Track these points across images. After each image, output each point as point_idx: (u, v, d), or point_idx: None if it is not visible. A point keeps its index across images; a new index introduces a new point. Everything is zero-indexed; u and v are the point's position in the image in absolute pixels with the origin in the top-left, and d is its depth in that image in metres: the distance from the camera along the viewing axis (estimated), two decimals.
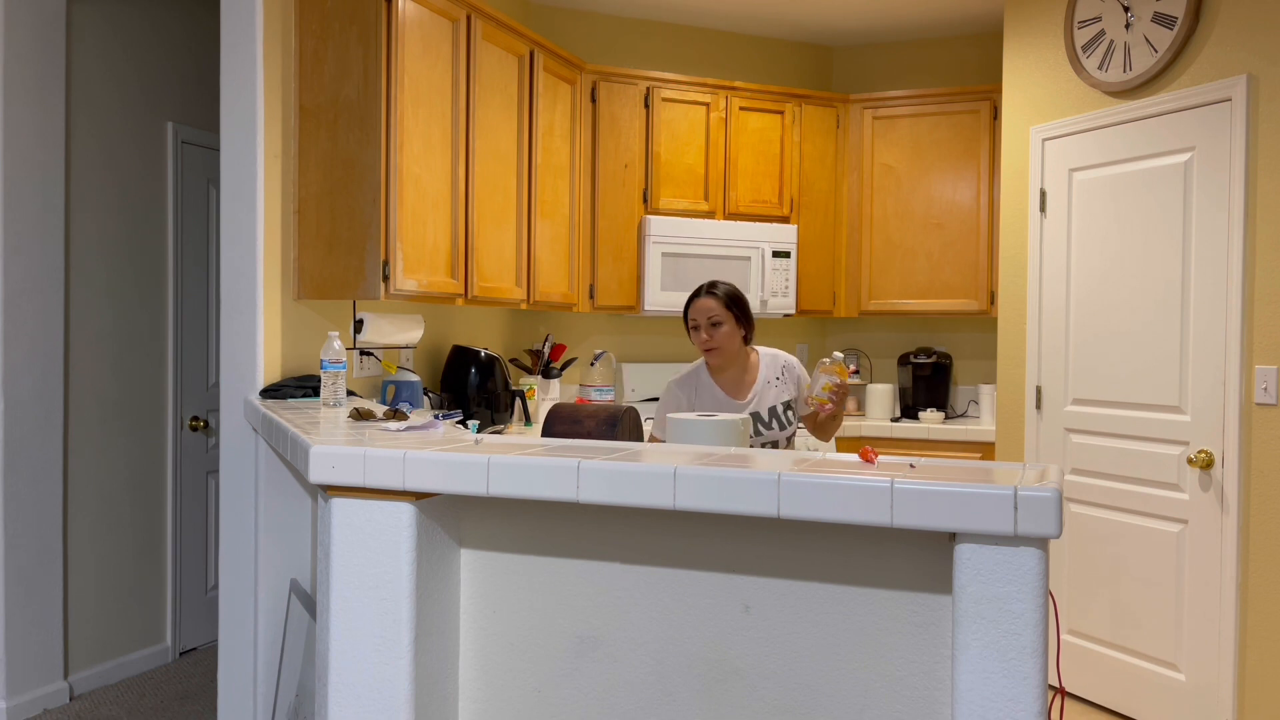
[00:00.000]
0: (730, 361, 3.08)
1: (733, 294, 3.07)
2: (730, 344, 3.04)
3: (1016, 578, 1.41)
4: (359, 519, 1.79)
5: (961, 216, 4.87)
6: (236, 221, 3.16)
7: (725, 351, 3.04)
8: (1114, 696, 3.83)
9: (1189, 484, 3.53)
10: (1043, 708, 1.41)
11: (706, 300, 3.05)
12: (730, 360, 3.08)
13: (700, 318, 3.04)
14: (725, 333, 3.03)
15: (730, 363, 3.09)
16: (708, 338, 3.03)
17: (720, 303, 3.04)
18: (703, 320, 3.04)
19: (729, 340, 3.03)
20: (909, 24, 5.12)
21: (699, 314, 3.05)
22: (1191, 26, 3.50)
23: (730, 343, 3.04)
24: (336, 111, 3.20)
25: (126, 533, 4.14)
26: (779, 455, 1.75)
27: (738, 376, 3.10)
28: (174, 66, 4.36)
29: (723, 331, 3.03)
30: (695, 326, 3.06)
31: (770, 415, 3.07)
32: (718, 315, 3.03)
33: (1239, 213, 3.33)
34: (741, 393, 3.09)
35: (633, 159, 4.64)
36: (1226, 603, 3.37)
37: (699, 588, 1.73)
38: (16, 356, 3.64)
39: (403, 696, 1.77)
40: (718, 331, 3.03)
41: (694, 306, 3.07)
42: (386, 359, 3.70)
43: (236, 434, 3.19)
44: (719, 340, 3.03)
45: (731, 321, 3.04)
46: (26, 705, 3.69)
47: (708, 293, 3.06)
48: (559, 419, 2.71)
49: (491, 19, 3.72)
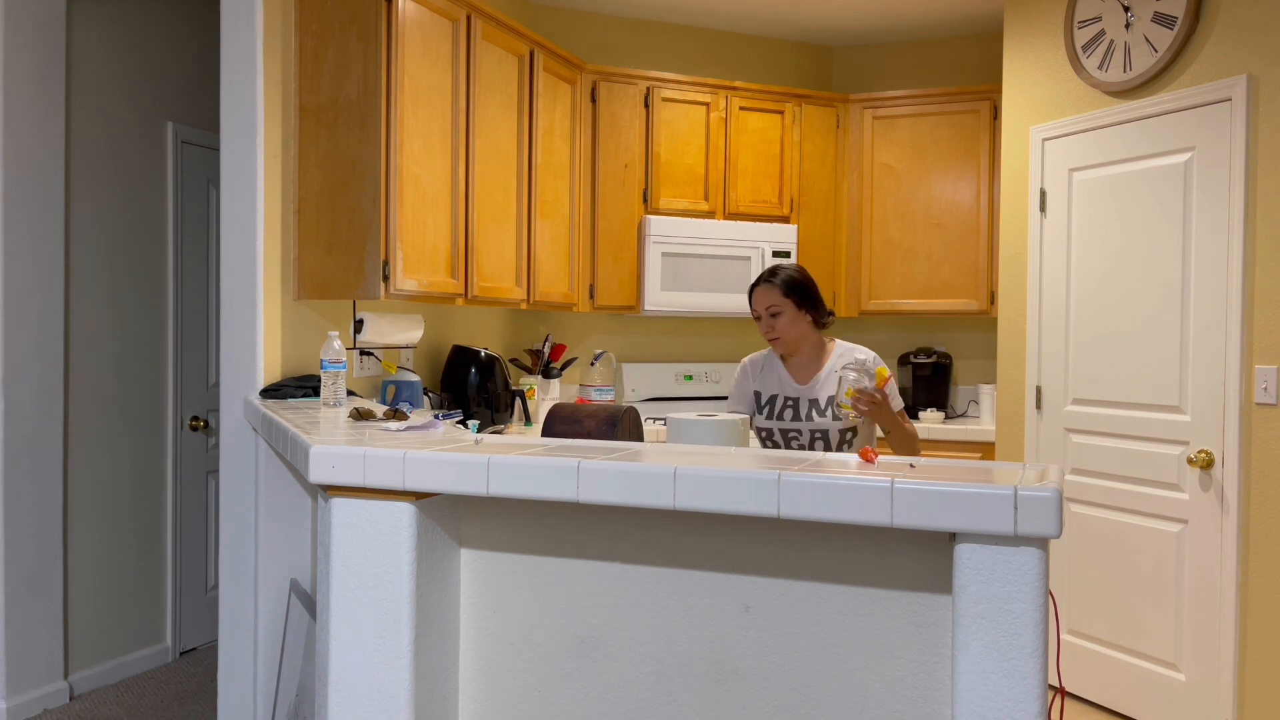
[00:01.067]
0: (796, 349, 2.99)
1: (793, 280, 2.96)
2: (791, 332, 2.95)
3: (1016, 578, 1.41)
4: (359, 519, 1.79)
5: (961, 216, 4.87)
6: (236, 221, 3.16)
7: (788, 340, 2.96)
8: (1114, 696, 3.83)
9: (1189, 484, 3.52)
10: (1043, 708, 1.41)
11: (763, 289, 2.97)
12: (795, 348, 2.98)
13: (759, 307, 2.97)
14: (786, 321, 2.94)
15: (796, 350, 2.99)
16: (768, 328, 2.96)
17: (778, 291, 2.94)
18: (762, 310, 2.97)
19: (790, 328, 2.94)
20: (909, 24, 5.12)
21: (758, 303, 2.98)
22: (1191, 26, 3.50)
23: (791, 331, 2.94)
24: (336, 111, 3.20)
25: (126, 533, 4.14)
26: (779, 455, 1.74)
27: (805, 363, 3.00)
28: (174, 66, 4.36)
29: (783, 320, 2.94)
30: (757, 317, 2.99)
31: (827, 404, 2.95)
32: (776, 305, 2.94)
33: (1239, 213, 3.33)
34: (805, 378, 2.99)
35: (633, 159, 4.64)
36: (1226, 603, 3.37)
37: (699, 588, 1.73)
38: (16, 356, 3.64)
39: (403, 696, 1.77)
40: (778, 321, 2.94)
41: (753, 295, 2.99)
42: (386, 359, 3.70)
43: (236, 434, 3.18)
44: (780, 329, 2.95)
45: (792, 309, 2.94)
46: (26, 705, 3.69)
47: (766, 281, 2.97)
48: (559, 419, 2.71)
49: (491, 19, 3.72)
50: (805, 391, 2.98)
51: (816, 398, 2.97)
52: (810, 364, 3.01)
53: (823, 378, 2.98)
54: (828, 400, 2.96)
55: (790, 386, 2.99)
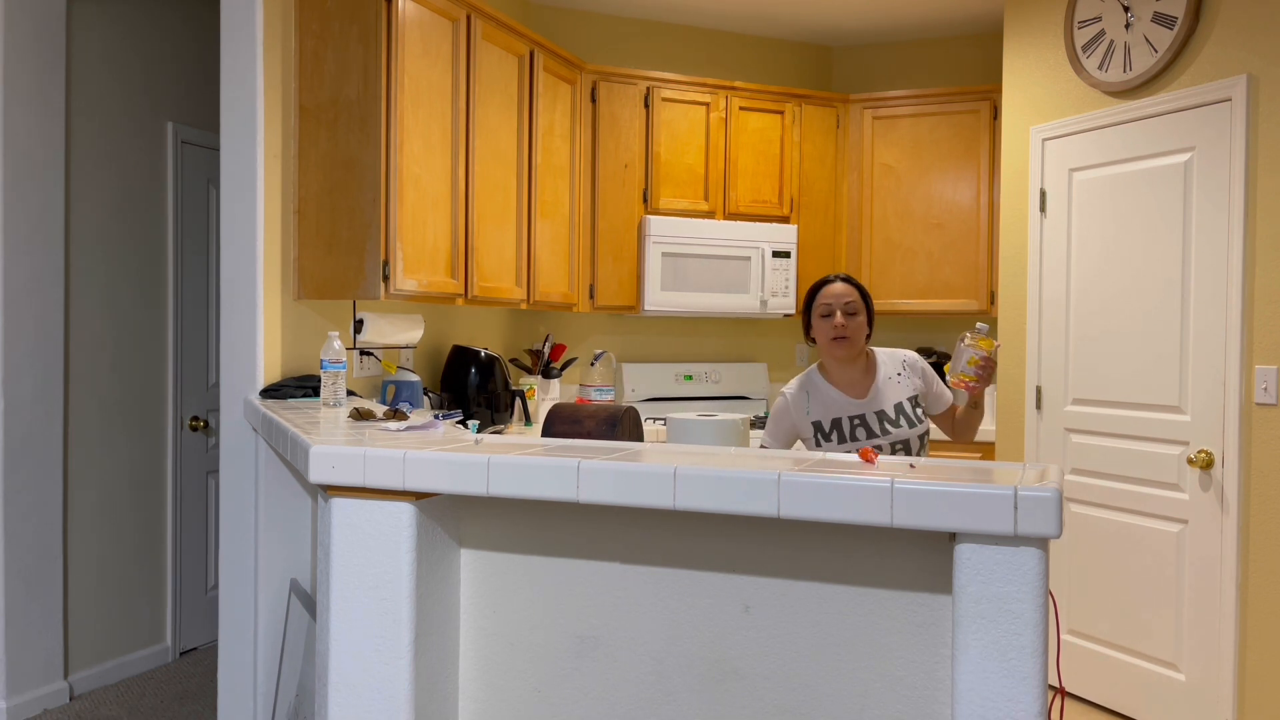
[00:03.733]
0: (855, 357, 2.86)
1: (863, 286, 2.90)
2: (860, 335, 2.83)
3: (1016, 578, 1.41)
4: (359, 519, 1.79)
5: (961, 216, 4.87)
6: (236, 221, 3.16)
7: (855, 344, 2.83)
8: (1114, 696, 3.83)
9: (1189, 484, 3.52)
10: (1043, 708, 1.41)
11: (842, 285, 2.85)
12: (855, 355, 2.85)
13: (836, 303, 2.83)
14: (859, 323, 2.83)
15: (854, 358, 2.86)
16: (842, 324, 2.81)
17: (856, 290, 2.85)
18: (838, 305, 2.82)
19: (861, 331, 2.83)
20: (909, 24, 5.12)
21: (834, 299, 2.83)
22: (1191, 26, 3.50)
23: (861, 334, 2.83)
24: (336, 111, 3.20)
25: (126, 533, 4.14)
26: (779, 455, 1.74)
27: (855, 376, 2.87)
28: (174, 66, 4.36)
29: (858, 321, 2.83)
30: (827, 314, 2.83)
31: (897, 412, 2.84)
32: (855, 303, 2.83)
33: (1239, 213, 3.33)
34: (861, 391, 2.86)
35: (633, 159, 4.64)
36: (1226, 602, 3.37)
37: (699, 588, 1.73)
38: (16, 356, 3.64)
39: (403, 696, 1.77)
40: (853, 320, 2.82)
41: (827, 291, 2.85)
42: (386, 359, 3.70)
43: (236, 434, 3.18)
44: (853, 330, 2.82)
45: (864, 312, 2.85)
46: (26, 705, 3.69)
47: (843, 279, 2.87)
48: (559, 419, 2.71)
49: (491, 19, 3.72)
50: (868, 405, 2.85)
51: (883, 408, 2.84)
52: (862, 375, 2.88)
53: (880, 386, 2.86)
54: (895, 408, 2.84)
55: (849, 404, 2.84)
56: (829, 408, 2.84)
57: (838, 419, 2.83)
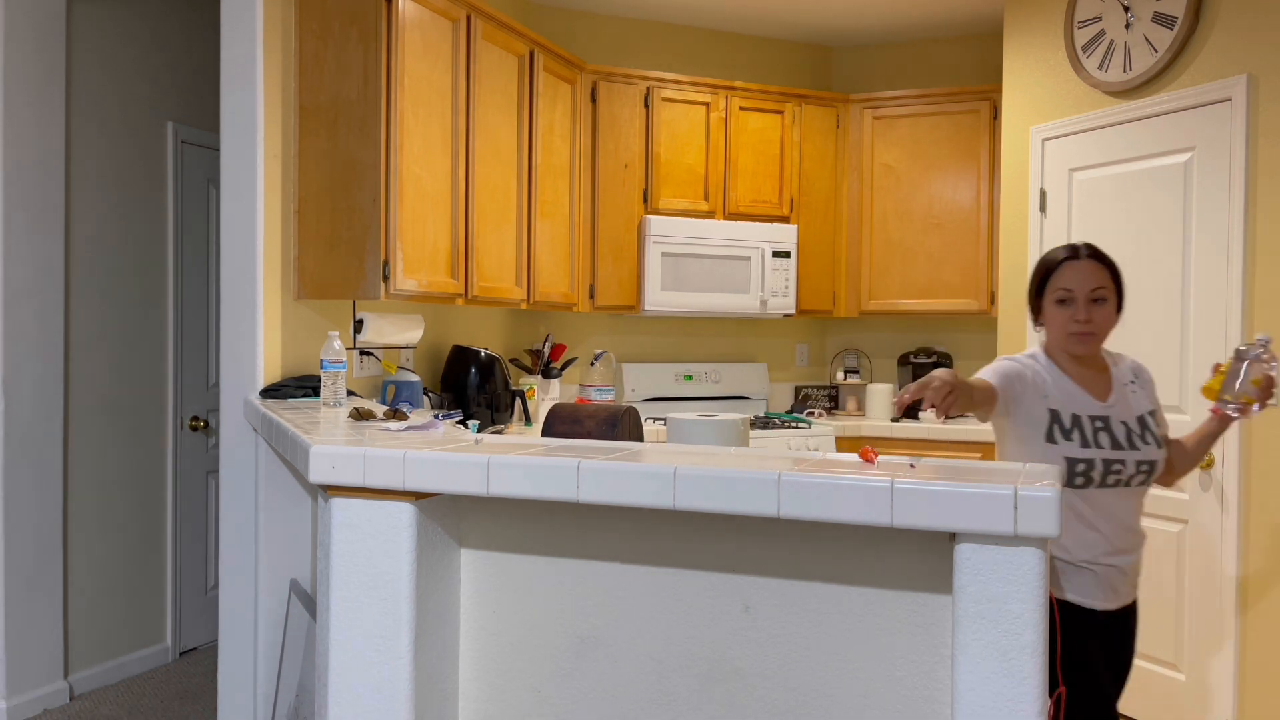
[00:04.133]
0: (1098, 351, 2.36)
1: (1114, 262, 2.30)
2: (1108, 329, 2.29)
3: (1016, 578, 1.41)
4: (359, 519, 1.79)
5: (961, 216, 4.87)
6: (236, 221, 3.16)
7: (1100, 339, 2.29)
8: None
9: (1189, 483, 3.52)
10: (1042, 708, 1.41)
11: (1090, 264, 2.27)
12: (1098, 350, 2.35)
13: (1079, 288, 2.26)
14: (1107, 313, 2.28)
15: (1098, 353, 2.36)
16: (1085, 318, 2.26)
17: (1107, 271, 2.28)
18: (1082, 292, 2.26)
19: (1109, 323, 2.29)
20: (909, 24, 5.12)
21: (1078, 283, 2.26)
22: (1191, 26, 3.50)
23: (1109, 327, 2.29)
24: (336, 111, 3.20)
25: (126, 532, 4.14)
26: (779, 455, 1.74)
27: (1094, 374, 2.34)
28: (174, 66, 4.36)
29: (1105, 311, 2.28)
30: (1064, 300, 2.28)
31: (1142, 427, 2.30)
32: (1104, 289, 2.26)
33: (1239, 213, 3.33)
34: (1101, 391, 2.32)
35: (633, 159, 4.64)
36: (1226, 602, 3.37)
37: (699, 588, 1.73)
38: (16, 356, 3.64)
39: (403, 696, 1.77)
40: (1099, 310, 2.27)
41: (1068, 271, 2.28)
42: (386, 359, 3.70)
43: (236, 434, 3.19)
44: (1099, 323, 2.27)
45: (1115, 300, 2.29)
46: (26, 705, 3.69)
47: (1089, 255, 2.28)
48: (559, 419, 2.71)
49: (491, 19, 3.72)
50: (1111, 410, 2.30)
51: (1127, 419, 2.30)
52: (1100, 375, 2.35)
53: (1119, 391, 2.34)
54: (1138, 421, 2.31)
55: (1090, 404, 2.29)
56: (1070, 401, 2.29)
57: (1077, 415, 2.27)
